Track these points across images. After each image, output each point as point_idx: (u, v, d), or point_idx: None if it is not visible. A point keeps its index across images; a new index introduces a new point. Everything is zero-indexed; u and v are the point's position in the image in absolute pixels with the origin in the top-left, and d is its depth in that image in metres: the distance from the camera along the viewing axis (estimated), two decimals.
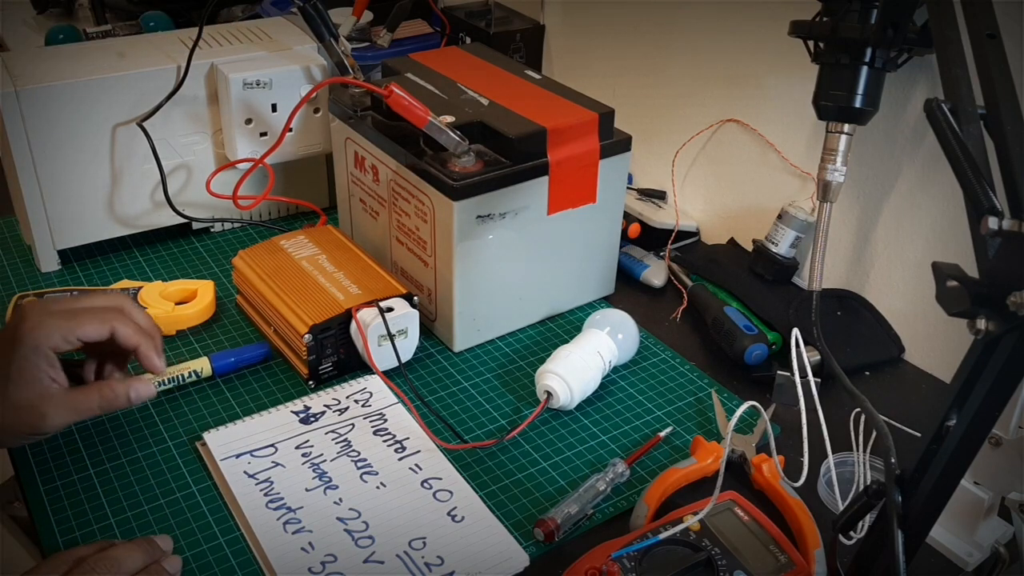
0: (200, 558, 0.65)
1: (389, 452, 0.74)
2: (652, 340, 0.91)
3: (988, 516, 0.67)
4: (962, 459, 0.53)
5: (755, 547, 0.65)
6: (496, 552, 0.66)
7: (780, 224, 0.95)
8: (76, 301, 0.72)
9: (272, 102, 0.97)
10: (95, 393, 0.70)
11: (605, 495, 0.71)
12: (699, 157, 1.07)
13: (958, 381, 0.51)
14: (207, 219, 1.03)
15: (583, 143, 0.86)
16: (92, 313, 0.70)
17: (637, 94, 1.13)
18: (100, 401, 0.70)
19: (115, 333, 0.70)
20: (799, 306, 0.89)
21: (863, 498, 0.58)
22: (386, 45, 1.27)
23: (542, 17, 1.27)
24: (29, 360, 0.67)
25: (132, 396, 0.71)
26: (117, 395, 0.70)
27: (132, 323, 0.72)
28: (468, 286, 0.85)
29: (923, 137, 0.84)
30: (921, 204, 0.85)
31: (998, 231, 0.47)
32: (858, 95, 0.78)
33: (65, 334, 0.68)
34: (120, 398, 0.70)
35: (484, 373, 0.86)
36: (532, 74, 0.95)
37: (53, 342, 0.68)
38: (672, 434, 0.79)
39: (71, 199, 0.94)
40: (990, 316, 0.47)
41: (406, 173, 0.85)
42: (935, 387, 0.86)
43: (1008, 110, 0.51)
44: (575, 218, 0.88)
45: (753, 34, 0.96)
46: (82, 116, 0.91)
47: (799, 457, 0.66)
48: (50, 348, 0.68)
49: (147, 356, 0.72)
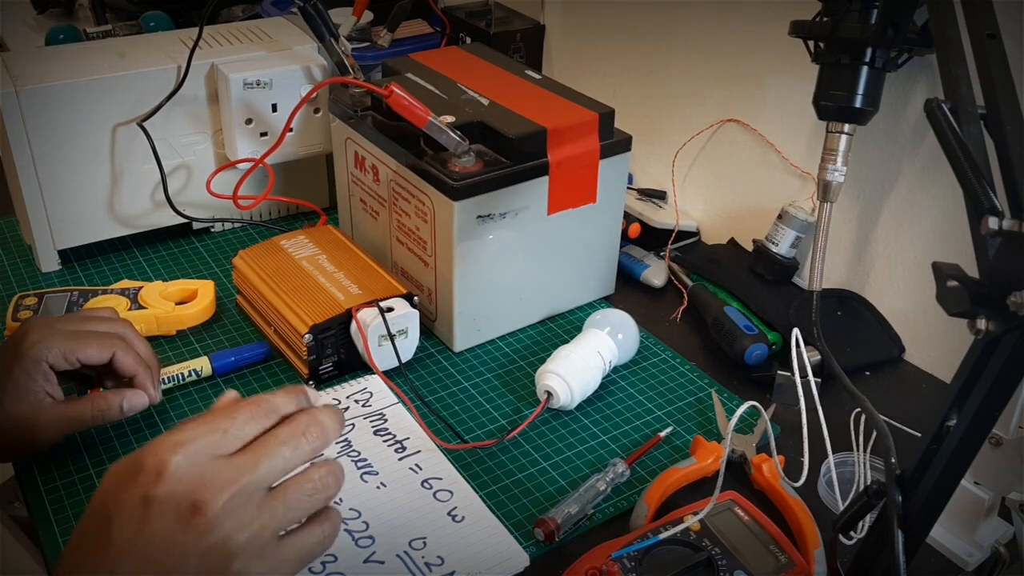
0: None
1: (389, 452, 0.74)
2: (652, 340, 0.91)
3: (988, 516, 0.67)
4: (962, 459, 0.53)
5: (755, 547, 0.65)
6: (496, 552, 0.66)
7: (780, 224, 0.95)
8: (82, 322, 0.73)
9: (272, 102, 0.97)
10: (88, 404, 0.71)
11: (605, 495, 0.71)
12: (699, 157, 1.07)
13: (958, 381, 0.51)
14: (207, 219, 1.03)
15: (583, 143, 0.86)
16: (95, 338, 0.71)
17: (637, 94, 1.13)
18: (93, 411, 0.71)
19: (115, 360, 0.72)
20: (799, 306, 0.89)
21: (863, 498, 0.58)
22: (386, 45, 1.27)
23: (542, 17, 1.27)
24: (28, 374, 0.68)
25: (125, 406, 0.72)
26: (110, 406, 0.71)
27: (133, 352, 0.73)
28: (468, 286, 0.85)
29: (923, 137, 0.84)
30: (921, 204, 0.85)
31: (998, 231, 0.47)
32: (858, 95, 0.78)
33: (66, 354, 0.69)
34: (113, 409, 0.71)
35: (484, 373, 0.86)
36: (532, 74, 0.95)
37: (53, 359, 0.69)
38: (672, 434, 0.79)
39: (71, 199, 0.94)
40: (990, 316, 0.47)
41: (406, 173, 0.85)
42: (935, 387, 0.86)
43: (1008, 110, 0.51)
44: (575, 218, 0.88)
45: (753, 34, 0.96)
46: (82, 116, 0.91)
47: (799, 457, 0.66)
48: (49, 365, 0.69)
49: (143, 386, 0.73)
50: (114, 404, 0.71)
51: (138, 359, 0.73)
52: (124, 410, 0.72)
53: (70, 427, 0.71)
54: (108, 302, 0.86)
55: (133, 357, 0.73)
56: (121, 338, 0.73)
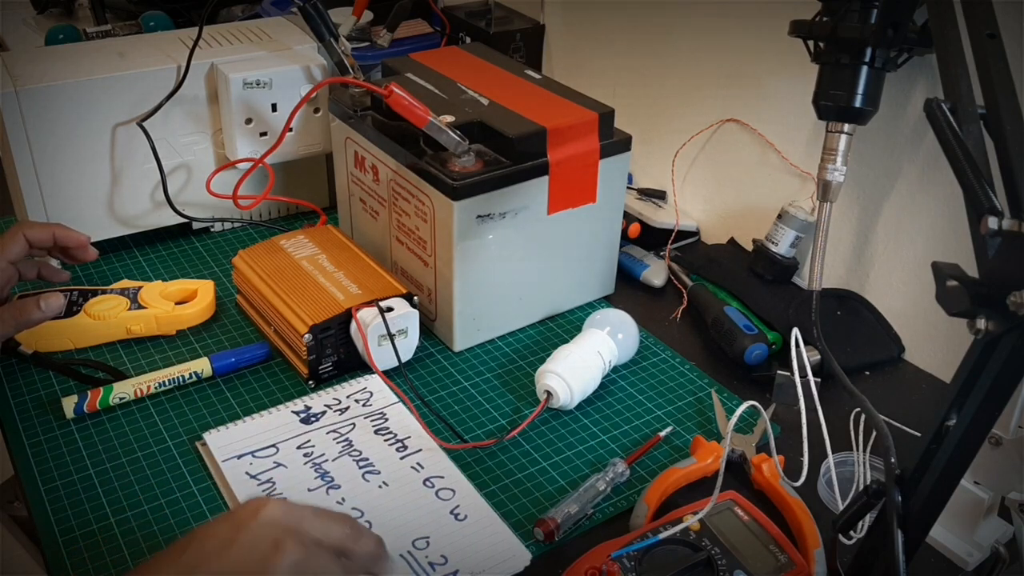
0: None
1: (391, 451, 0.74)
2: (652, 340, 0.91)
3: (988, 516, 0.67)
4: (962, 459, 0.53)
5: (755, 547, 0.65)
6: (499, 550, 0.66)
7: (780, 224, 0.95)
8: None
9: (272, 102, 0.97)
10: (7, 311, 0.77)
11: (605, 495, 0.71)
12: (699, 157, 1.07)
13: (958, 381, 0.52)
14: (207, 219, 1.03)
15: (583, 143, 0.86)
16: (4, 236, 0.80)
17: (637, 94, 1.13)
18: (15, 314, 0.76)
19: (28, 237, 0.79)
20: (799, 306, 0.89)
21: (863, 498, 0.58)
22: (386, 45, 1.27)
23: (542, 17, 1.27)
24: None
25: (42, 305, 0.77)
26: (28, 309, 0.77)
27: (35, 224, 0.82)
28: (468, 286, 0.85)
29: (923, 137, 0.84)
30: (921, 204, 0.85)
31: (998, 231, 0.47)
32: (858, 95, 0.78)
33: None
34: (32, 312, 0.77)
35: (484, 373, 0.86)
36: (532, 74, 0.95)
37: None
38: (672, 434, 0.79)
39: (71, 199, 0.94)
40: (990, 316, 0.47)
41: (406, 173, 0.85)
42: (935, 387, 0.86)
43: (1008, 110, 0.51)
44: (575, 218, 0.88)
45: (753, 34, 0.96)
46: (82, 116, 0.91)
47: (799, 457, 0.66)
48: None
49: (67, 234, 0.81)
50: (31, 306, 0.77)
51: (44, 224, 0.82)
52: (42, 308, 0.77)
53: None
54: (108, 302, 0.86)
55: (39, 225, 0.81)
56: (19, 223, 0.82)
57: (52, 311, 0.78)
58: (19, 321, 0.77)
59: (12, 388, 0.81)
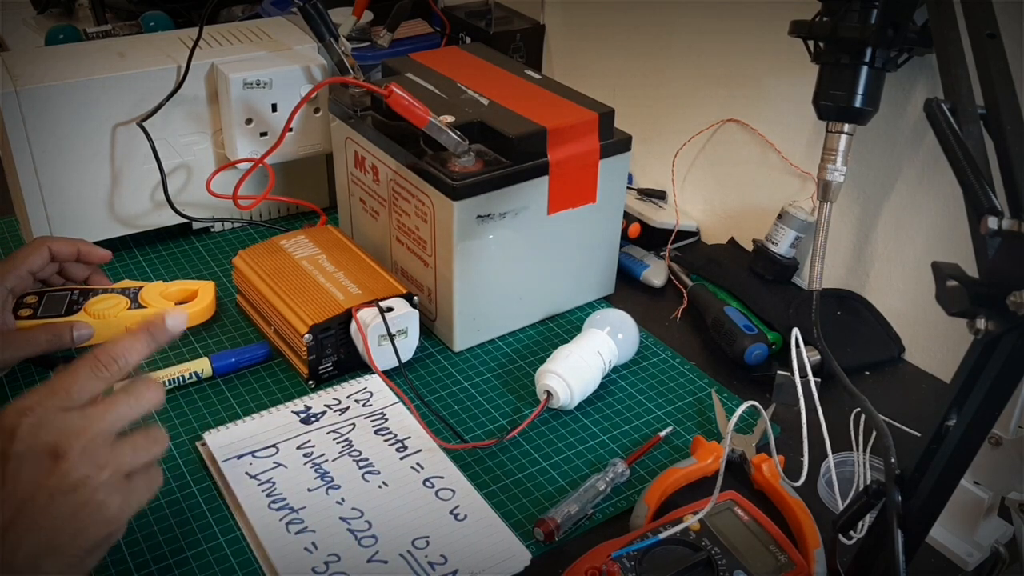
0: (200, 558, 0.65)
1: (391, 452, 0.74)
2: (652, 340, 0.91)
3: (988, 516, 0.67)
4: (962, 459, 0.53)
5: (755, 547, 0.65)
6: (499, 550, 0.66)
7: (780, 224, 0.95)
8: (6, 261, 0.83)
9: (272, 102, 0.97)
10: (41, 332, 0.79)
11: (605, 495, 0.71)
12: (699, 157, 1.07)
13: (958, 381, 0.52)
14: (207, 219, 1.03)
15: (583, 143, 0.86)
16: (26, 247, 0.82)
17: (637, 94, 1.13)
18: (47, 336, 0.79)
19: (52, 250, 0.82)
20: (799, 306, 0.89)
21: (863, 498, 0.58)
22: (386, 45, 1.27)
23: (542, 17, 1.27)
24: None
25: (75, 334, 0.80)
26: (62, 333, 0.80)
27: (60, 239, 0.84)
28: (468, 286, 0.85)
29: (923, 137, 0.84)
30: (921, 204, 0.85)
31: (998, 231, 0.47)
32: (858, 95, 0.79)
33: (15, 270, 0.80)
34: (64, 336, 0.80)
35: (484, 373, 0.86)
36: (532, 74, 0.95)
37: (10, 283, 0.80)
38: (672, 434, 0.79)
39: (71, 199, 0.94)
40: (990, 316, 0.47)
41: (406, 173, 0.85)
42: (935, 387, 0.86)
43: (1008, 110, 0.51)
44: (575, 218, 0.88)
45: (753, 34, 0.96)
46: (82, 116, 0.91)
47: (799, 457, 0.66)
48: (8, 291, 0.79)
49: (89, 250, 0.85)
50: (64, 331, 0.80)
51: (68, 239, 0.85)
52: (75, 339, 0.80)
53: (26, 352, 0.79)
54: (108, 301, 0.86)
55: (63, 240, 0.84)
56: (43, 238, 0.84)
57: (82, 341, 0.81)
58: (52, 344, 0.79)
59: (12, 388, 0.81)
